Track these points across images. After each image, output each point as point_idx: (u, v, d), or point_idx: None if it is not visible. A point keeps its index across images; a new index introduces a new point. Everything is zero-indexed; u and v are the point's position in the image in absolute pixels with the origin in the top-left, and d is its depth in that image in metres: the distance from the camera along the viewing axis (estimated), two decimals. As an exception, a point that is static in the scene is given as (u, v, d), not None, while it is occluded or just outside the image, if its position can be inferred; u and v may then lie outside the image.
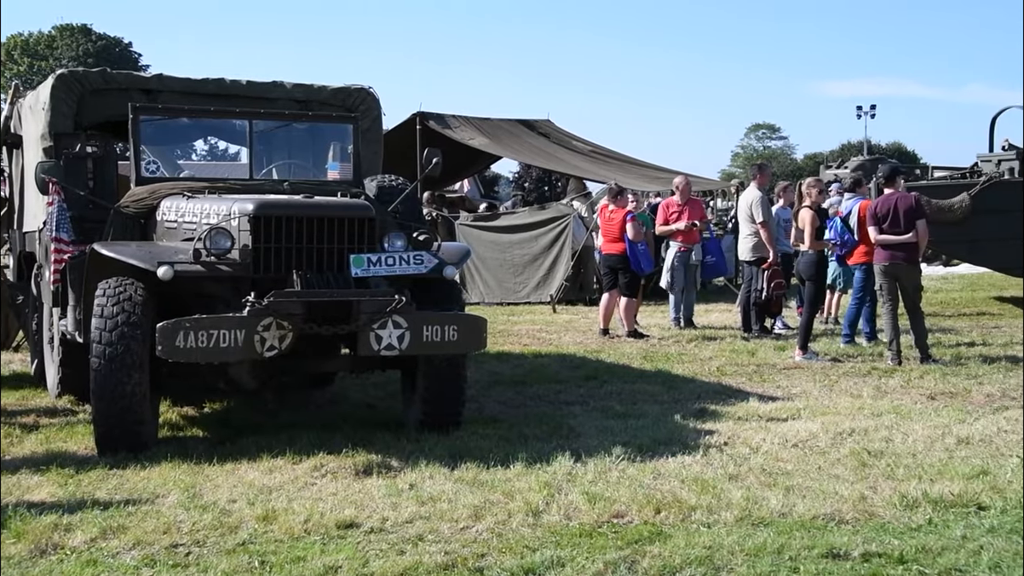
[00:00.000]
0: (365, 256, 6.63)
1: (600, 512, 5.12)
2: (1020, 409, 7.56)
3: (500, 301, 16.77)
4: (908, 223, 9.72)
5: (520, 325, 13.87)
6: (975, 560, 4.34)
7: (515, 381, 9.32)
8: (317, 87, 8.78)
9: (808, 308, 10.55)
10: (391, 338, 6.36)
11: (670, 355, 10.78)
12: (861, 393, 8.44)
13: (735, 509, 5.11)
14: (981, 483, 5.45)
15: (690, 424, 7.25)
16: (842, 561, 4.39)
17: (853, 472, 5.82)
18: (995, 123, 14.76)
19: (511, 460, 6.12)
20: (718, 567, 4.38)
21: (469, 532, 4.91)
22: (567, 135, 21.40)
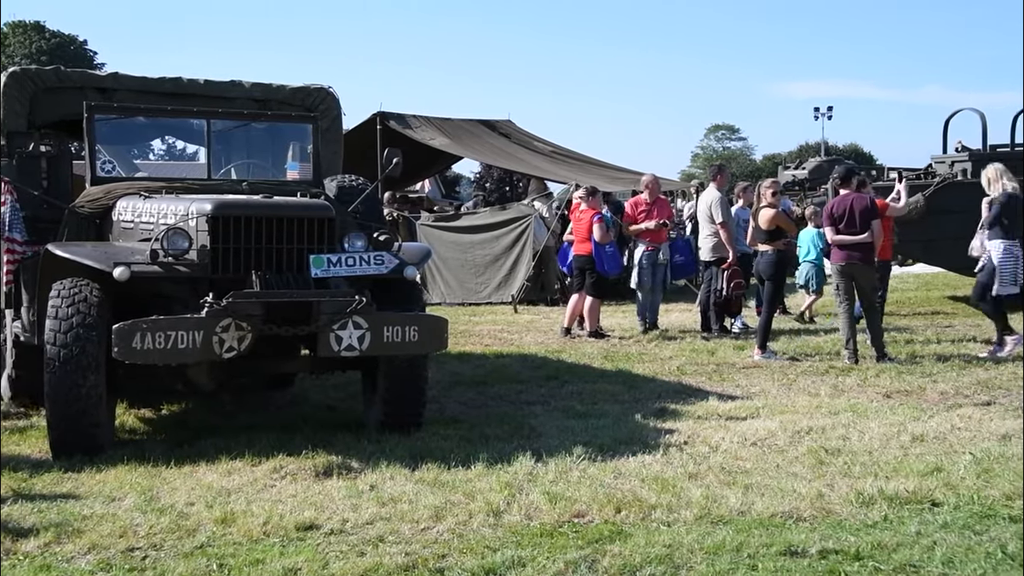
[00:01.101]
0: (325, 256, 6.60)
1: (561, 512, 5.13)
2: (973, 407, 7.67)
3: (461, 301, 16.75)
4: (863, 223, 9.85)
5: (481, 325, 13.86)
6: (929, 556, 4.40)
7: (476, 381, 9.32)
8: (276, 86, 8.73)
9: (767, 308, 10.64)
10: (351, 339, 6.33)
11: (631, 355, 10.83)
12: (819, 392, 8.52)
13: (695, 508, 5.14)
14: (935, 480, 5.52)
15: (650, 423, 7.29)
16: (800, 558, 4.43)
17: (811, 470, 5.88)
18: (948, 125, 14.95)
19: (472, 460, 6.12)
20: (678, 565, 4.40)
21: (430, 533, 4.90)
22: (528, 135, 21.43)
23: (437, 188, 27.40)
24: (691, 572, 4.34)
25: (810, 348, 10.99)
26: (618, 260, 12.60)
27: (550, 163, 20.09)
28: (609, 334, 12.28)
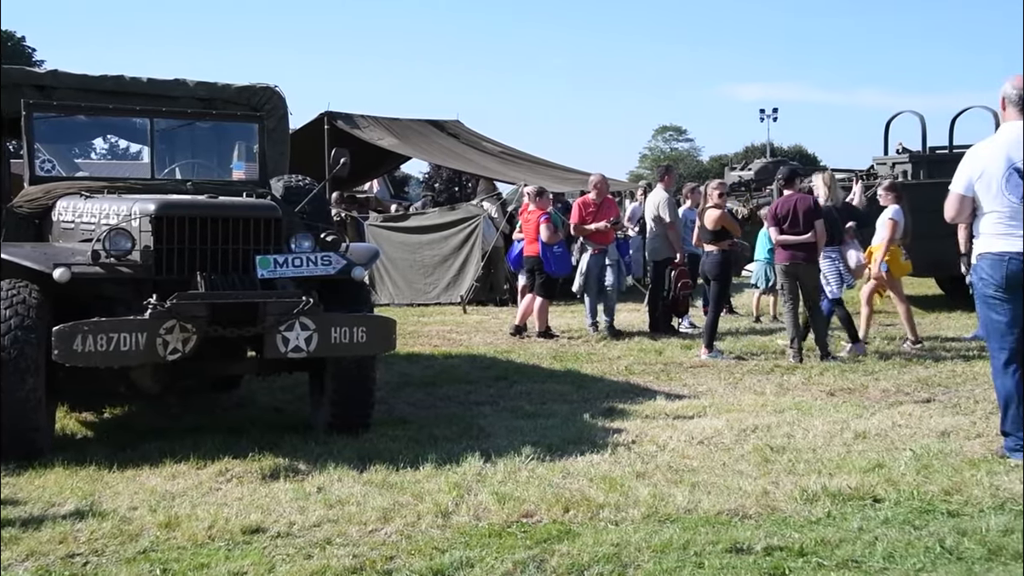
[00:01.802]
0: (271, 257, 6.55)
1: (509, 512, 5.14)
2: (913, 404, 7.81)
3: (410, 302, 16.71)
4: (807, 223, 9.99)
5: (430, 326, 13.83)
6: (870, 551, 4.47)
7: (425, 382, 9.30)
8: (221, 85, 8.63)
9: (713, 307, 10.74)
10: (298, 340, 6.29)
11: (579, 355, 10.87)
12: (764, 390, 8.62)
13: (642, 506, 5.17)
14: (877, 476, 5.61)
15: (599, 423, 7.33)
16: (745, 555, 4.47)
17: (756, 468, 5.94)
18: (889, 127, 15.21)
19: (421, 461, 6.10)
20: (625, 564, 4.43)
21: (378, 535, 4.88)
22: (477, 136, 21.45)
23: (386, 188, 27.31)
24: (639, 570, 4.37)
25: (756, 347, 11.12)
26: (566, 260, 12.59)
27: (499, 163, 20.12)
28: (558, 334, 12.31)
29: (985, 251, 5.96)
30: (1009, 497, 5.19)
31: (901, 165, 14.55)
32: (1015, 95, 5.86)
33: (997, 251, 5.88)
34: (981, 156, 5.96)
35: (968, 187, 5.96)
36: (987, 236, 5.94)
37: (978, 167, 5.93)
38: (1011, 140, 5.84)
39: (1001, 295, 5.89)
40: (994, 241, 5.90)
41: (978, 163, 5.94)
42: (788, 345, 10.30)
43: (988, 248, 5.94)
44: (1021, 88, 5.83)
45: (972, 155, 6.05)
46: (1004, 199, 5.82)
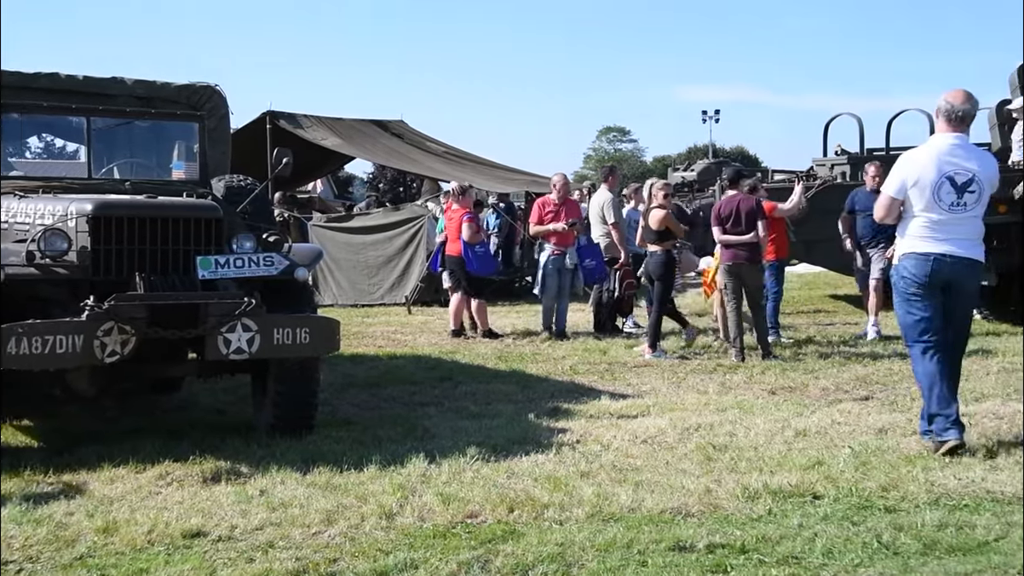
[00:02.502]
0: (212, 258, 6.47)
1: (454, 513, 5.13)
2: (852, 402, 7.93)
3: (354, 303, 16.61)
4: (749, 224, 10.12)
5: (375, 327, 13.77)
6: (810, 547, 4.53)
7: (369, 383, 9.25)
8: (160, 84, 8.50)
9: (657, 307, 10.82)
10: (240, 341, 6.23)
11: (524, 355, 10.89)
12: (707, 389, 8.71)
13: (586, 506, 5.19)
14: (816, 473, 5.69)
15: (543, 423, 7.34)
16: (688, 553, 4.51)
17: (699, 466, 5.99)
18: (828, 129, 15.45)
19: (365, 463, 6.07)
20: (569, 563, 4.44)
21: (321, 537, 4.84)
22: (421, 136, 21.39)
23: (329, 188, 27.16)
24: (583, 570, 4.39)
25: (699, 347, 11.22)
26: (489, 260, 12.54)
27: (443, 164, 20.09)
28: (503, 334, 12.32)
29: (910, 251, 6.23)
30: (943, 493, 5.30)
31: (840, 166, 14.80)
32: (947, 109, 6.17)
33: (922, 252, 6.16)
34: (916, 162, 6.22)
35: (900, 191, 6.23)
36: (913, 238, 6.23)
37: (913, 173, 6.18)
38: (943, 150, 6.16)
39: (922, 293, 6.18)
40: (919, 243, 6.19)
41: (913, 169, 6.20)
42: (731, 344, 10.42)
43: (913, 249, 6.22)
44: (955, 104, 6.15)
45: (907, 160, 6.32)
46: (935, 205, 6.11)
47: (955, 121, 6.18)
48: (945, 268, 6.14)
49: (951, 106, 6.16)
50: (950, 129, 6.20)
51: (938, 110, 6.28)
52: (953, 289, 6.20)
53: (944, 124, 6.23)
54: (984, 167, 6.20)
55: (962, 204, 6.11)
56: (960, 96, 6.19)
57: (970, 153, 6.24)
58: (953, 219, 6.13)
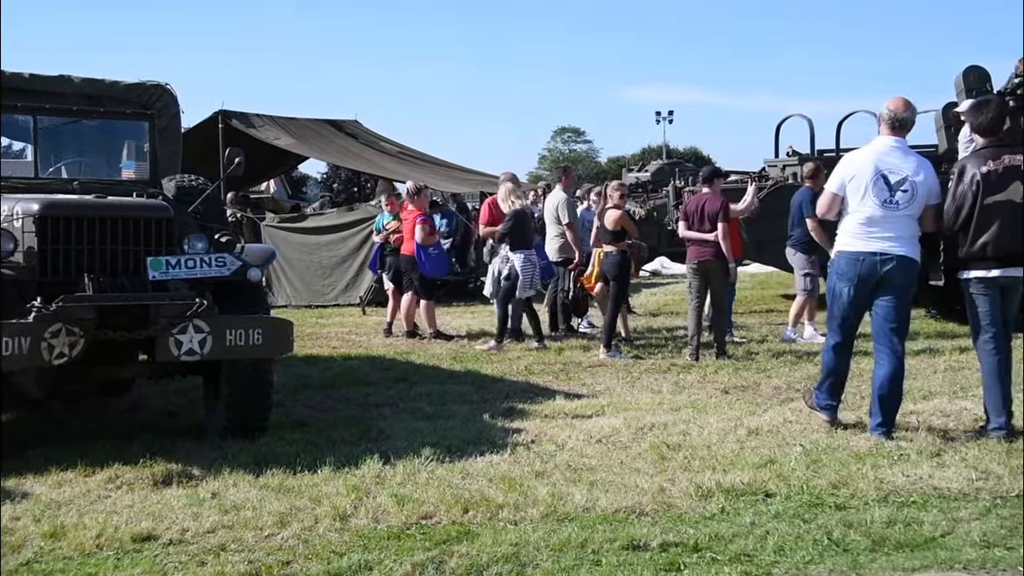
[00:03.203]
0: (163, 259, 6.41)
1: (408, 514, 5.11)
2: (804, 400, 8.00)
3: (308, 303, 16.51)
4: (712, 223, 10.25)
5: (329, 328, 13.69)
6: (762, 545, 4.57)
7: (323, 384, 9.20)
8: (109, 82, 8.38)
9: (612, 307, 10.87)
10: (192, 343, 6.17)
11: (479, 355, 10.89)
12: (661, 389, 8.76)
13: (541, 505, 5.20)
14: (768, 471, 5.74)
15: (498, 423, 7.35)
16: (642, 552, 4.54)
17: (653, 465, 6.03)
18: (780, 130, 15.61)
19: (319, 464, 6.03)
20: (524, 563, 4.45)
21: (274, 539, 4.80)
22: (375, 136, 21.33)
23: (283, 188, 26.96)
24: (537, 569, 4.40)
25: (653, 346, 11.29)
26: (442, 262, 12.50)
27: (398, 164, 20.05)
28: (454, 335, 12.29)
29: (843, 249, 6.61)
30: (892, 490, 5.38)
31: (791, 167, 14.95)
32: (889, 116, 6.59)
33: (854, 250, 6.53)
34: (855, 161, 6.64)
35: (840, 187, 6.60)
36: (847, 235, 6.60)
37: (851, 170, 6.58)
38: (881, 150, 6.56)
39: (853, 290, 6.56)
40: (853, 241, 6.55)
41: (852, 167, 6.60)
42: (688, 342, 10.50)
43: (846, 247, 6.59)
44: (895, 111, 6.56)
45: (847, 160, 6.76)
46: (869, 200, 6.45)
47: (895, 127, 6.57)
48: (877, 266, 6.46)
49: (892, 113, 6.54)
50: (892, 133, 6.58)
51: (880, 117, 6.66)
52: (886, 287, 6.50)
53: (886, 129, 6.60)
54: (919, 170, 6.49)
55: (894, 202, 6.42)
56: (900, 104, 6.57)
57: (907, 156, 6.57)
58: (886, 216, 6.43)
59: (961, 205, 6.48)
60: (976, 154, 6.62)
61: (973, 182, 6.44)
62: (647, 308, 15.76)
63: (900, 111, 6.54)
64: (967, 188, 6.46)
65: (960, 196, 6.49)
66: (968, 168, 6.53)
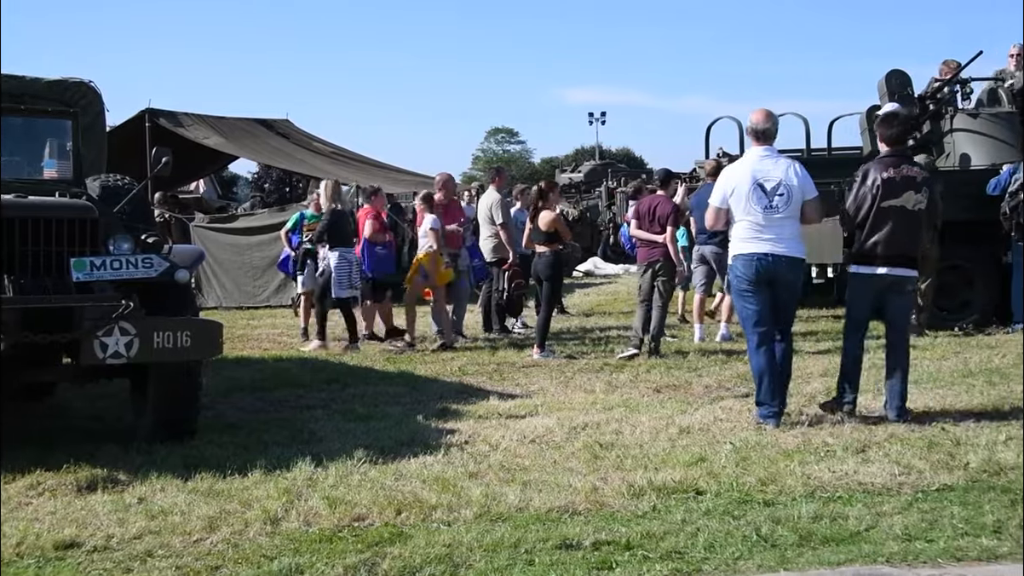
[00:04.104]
0: (87, 259, 6.27)
1: (341, 516, 5.08)
2: (733, 399, 8.11)
3: (239, 305, 16.31)
4: (663, 226, 10.40)
5: (260, 329, 13.55)
6: (693, 542, 4.63)
7: (254, 386, 9.09)
8: (30, 79, 8.16)
9: (545, 307, 10.92)
10: (118, 345, 6.05)
11: (413, 357, 10.85)
12: (594, 388, 8.81)
13: (474, 506, 5.20)
14: (699, 469, 5.81)
15: (432, 424, 7.33)
16: (574, 551, 4.56)
17: (586, 464, 6.06)
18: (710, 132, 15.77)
19: (249, 468, 5.96)
20: (457, 564, 4.44)
21: (203, 544, 4.73)
22: (307, 136, 21.16)
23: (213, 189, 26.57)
24: (470, 570, 4.39)
25: (586, 346, 11.36)
26: (389, 261, 12.44)
27: (330, 164, 19.90)
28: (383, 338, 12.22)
29: (738, 253, 7.08)
30: (819, 485, 5.48)
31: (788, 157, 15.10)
32: (753, 127, 7.20)
33: (748, 252, 7.00)
34: (733, 175, 7.15)
35: (723, 200, 7.11)
36: (739, 240, 7.08)
37: (731, 184, 7.09)
38: (754, 161, 7.10)
39: (752, 288, 7.00)
40: (744, 244, 7.03)
41: (731, 181, 7.11)
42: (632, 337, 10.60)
43: (740, 250, 7.07)
44: (759, 122, 7.16)
45: (726, 174, 7.29)
46: (751, 209, 6.96)
47: (760, 137, 7.15)
48: (768, 265, 6.95)
49: (755, 125, 7.17)
50: (758, 144, 7.16)
51: (747, 129, 7.30)
52: (778, 284, 7.01)
53: (752, 140, 7.22)
54: (790, 173, 7.03)
55: (774, 207, 6.94)
56: (762, 115, 7.17)
57: (777, 161, 7.11)
58: (769, 221, 6.95)
59: (860, 205, 7.07)
60: (880, 161, 7.21)
61: (874, 185, 7.03)
62: (580, 308, 15.85)
63: (762, 123, 7.13)
64: (868, 190, 7.05)
65: (860, 197, 7.08)
66: (871, 172, 7.11)
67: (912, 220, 7.04)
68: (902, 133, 7.37)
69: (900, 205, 7.00)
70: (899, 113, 7.71)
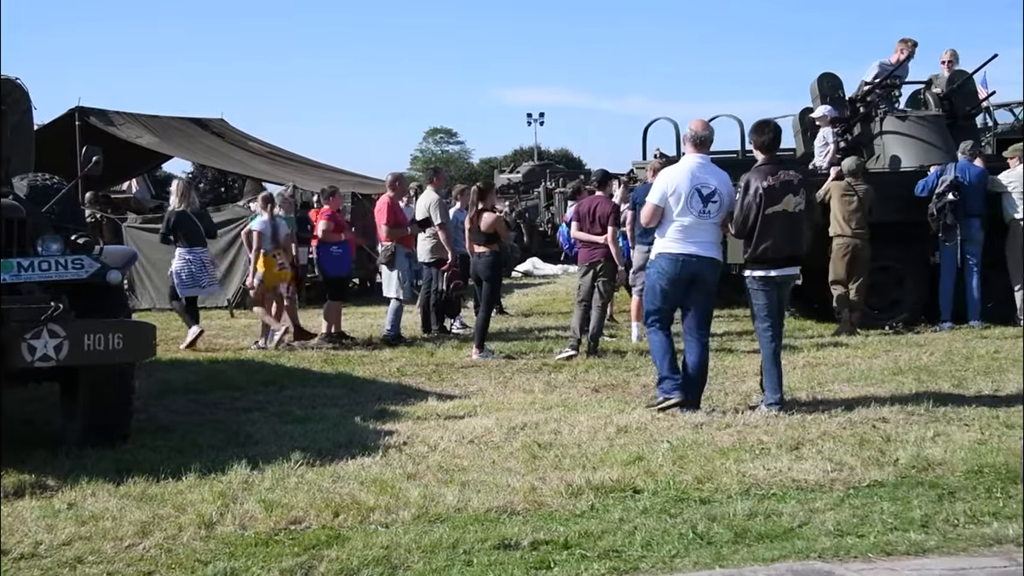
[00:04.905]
0: (15, 260, 6.14)
1: (277, 519, 5.03)
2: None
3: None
4: (603, 226, 10.45)
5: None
6: (630, 540, 4.66)
7: (189, 389, 8.96)
8: (-46, 76, 7.98)
9: (484, 308, 10.92)
10: (47, 348, 5.92)
11: (351, 358, 10.78)
12: (533, 388, 8.83)
13: (413, 507, 5.18)
14: (636, 468, 5.86)
15: (370, 426, 7.29)
16: (513, 551, 4.57)
17: (524, 464, 6.07)
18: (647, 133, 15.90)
19: (183, 471, 5.87)
20: (395, 566, 4.42)
21: (135, 550, 4.65)
22: (243, 135, 20.90)
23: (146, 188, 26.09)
24: (408, 572, 4.38)
25: (525, 347, 11.38)
26: (345, 261, 12.33)
27: (267, 164, 19.68)
28: (351, 336, 12.12)
29: (664, 251, 7.54)
30: (754, 483, 5.56)
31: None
32: (692, 135, 7.63)
33: (675, 252, 7.45)
34: (674, 176, 7.55)
35: (662, 199, 7.50)
36: (667, 240, 7.51)
37: (671, 185, 7.49)
38: (693, 168, 7.53)
39: (671, 287, 7.51)
40: (672, 244, 7.48)
41: (671, 182, 7.51)
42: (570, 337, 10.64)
43: (667, 249, 7.52)
44: (697, 131, 7.60)
45: (666, 175, 7.69)
46: (687, 211, 7.40)
47: (698, 144, 7.59)
48: (692, 266, 7.43)
49: (694, 133, 7.62)
50: (695, 151, 7.60)
51: (685, 136, 7.75)
52: (697, 283, 7.49)
53: (691, 147, 7.63)
54: (722, 183, 7.55)
55: (707, 212, 7.44)
56: (700, 124, 7.67)
57: (711, 171, 7.59)
58: (699, 224, 7.43)
59: (747, 214, 7.52)
60: (757, 170, 7.65)
61: (756, 194, 7.49)
62: (519, 309, 15.88)
63: (700, 131, 7.61)
64: (752, 200, 7.51)
65: (746, 207, 7.53)
66: (752, 182, 7.56)
67: (795, 221, 7.56)
68: (774, 140, 7.86)
69: (782, 209, 7.48)
70: (771, 121, 8.13)
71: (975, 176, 11.89)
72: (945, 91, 13.41)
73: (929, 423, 6.90)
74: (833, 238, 11.70)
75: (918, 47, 13.13)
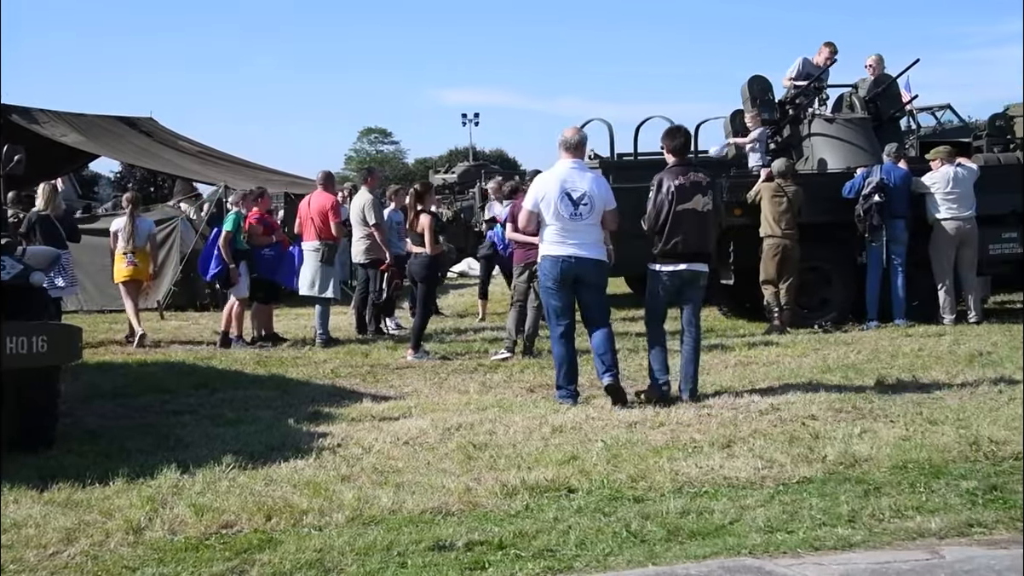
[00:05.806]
0: (-67, 261, 5.95)
1: (208, 523, 4.95)
2: (605, 398, 8.22)
3: (101, 308, 15.71)
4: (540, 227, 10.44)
5: (123, 333, 13.05)
6: (564, 539, 4.68)
7: (117, 392, 8.79)
8: None
9: (421, 308, 10.88)
10: (-33, 351, 5.75)
11: (284, 359, 10.67)
12: (468, 389, 8.82)
13: (347, 510, 5.14)
14: (571, 468, 5.88)
15: (303, 428, 7.22)
16: (447, 552, 4.55)
17: (459, 465, 6.06)
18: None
19: (111, 476, 5.76)
20: (328, 569, 4.39)
21: (60, 557, 4.55)
22: (172, 134, 20.57)
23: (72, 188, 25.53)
24: (342, 574, 4.34)
25: (460, 347, 11.37)
26: (274, 263, 12.19)
27: (198, 163, 19.40)
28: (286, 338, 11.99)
29: (546, 254, 7.87)
30: (686, 481, 5.61)
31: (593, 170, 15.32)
32: (563, 141, 7.92)
33: (555, 254, 7.78)
34: (544, 183, 7.89)
35: (535, 205, 7.86)
36: (547, 243, 7.86)
37: (542, 191, 7.83)
38: (564, 172, 7.85)
39: (556, 286, 7.83)
40: (552, 247, 7.81)
41: (542, 188, 7.85)
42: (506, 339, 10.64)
43: (548, 252, 7.84)
44: (568, 137, 7.91)
45: (538, 181, 8.04)
46: (558, 215, 7.73)
47: (571, 149, 7.90)
48: (571, 266, 7.74)
49: (566, 139, 7.92)
50: (568, 156, 7.90)
51: (560, 142, 7.97)
52: (582, 283, 7.84)
53: (564, 153, 7.92)
54: (594, 185, 7.83)
55: (579, 214, 7.72)
56: (572, 131, 7.99)
57: (583, 174, 7.91)
58: (574, 226, 7.71)
59: (659, 211, 7.88)
60: (670, 170, 8.05)
61: (668, 192, 7.86)
62: (454, 310, 15.85)
63: (572, 137, 7.92)
64: (664, 197, 7.87)
65: (659, 204, 7.90)
66: (664, 181, 7.96)
67: (703, 220, 7.94)
68: (685, 144, 8.32)
69: (691, 208, 7.86)
70: (682, 127, 8.63)
71: (899, 178, 12.16)
72: (870, 95, 13.72)
73: (856, 420, 7.04)
74: (763, 238, 11.89)
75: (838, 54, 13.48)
